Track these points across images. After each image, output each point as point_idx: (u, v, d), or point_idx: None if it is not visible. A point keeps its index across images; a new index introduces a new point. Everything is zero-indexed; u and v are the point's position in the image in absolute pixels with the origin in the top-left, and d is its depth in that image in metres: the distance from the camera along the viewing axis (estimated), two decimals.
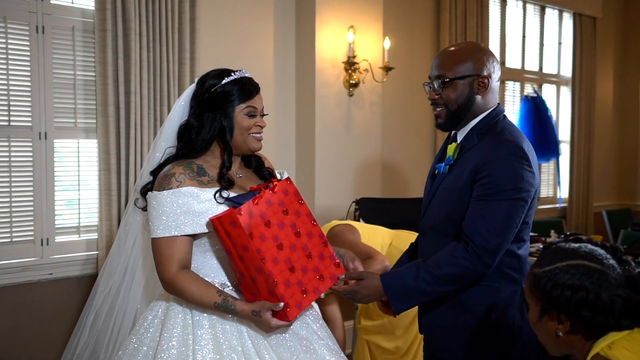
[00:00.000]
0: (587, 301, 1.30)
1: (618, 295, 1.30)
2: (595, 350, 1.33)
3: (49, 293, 3.30)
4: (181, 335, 1.82)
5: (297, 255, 1.83)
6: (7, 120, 3.14)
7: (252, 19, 4.00)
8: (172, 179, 1.83)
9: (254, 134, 1.93)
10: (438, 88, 1.94)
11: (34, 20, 3.18)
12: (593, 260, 1.35)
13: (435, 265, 1.84)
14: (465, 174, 1.89)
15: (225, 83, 1.89)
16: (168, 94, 3.42)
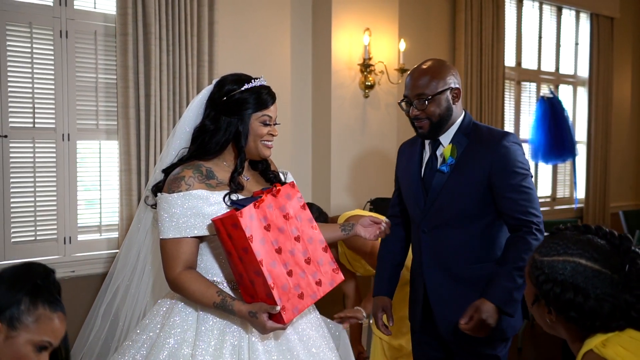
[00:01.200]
0: (575, 303, 1.28)
1: (607, 300, 1.27)
2: (588, 346, 1.31)
3: (72, 290, 3.37)
4: (180, 333, 1.88)
5: (296, 259, 1.86)
6: (32, 122, 3.23)
7: (269, 23, 4.05)
8: (182, 182, 1.87)
9: (266, 142, 1.98)
10: (420, 105, 2.13)
11: (58, 25, 3.27)
12: (592, 258, 1.30)
13: (519, 259, 2.02)
14: (480, 167, 2.10)
15: (244, 89, 1.94)
16: (187, 96, 3.48)
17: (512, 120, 5.71)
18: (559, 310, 1.32)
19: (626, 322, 1.30)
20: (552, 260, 1.33)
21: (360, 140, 4.30)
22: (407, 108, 2.19)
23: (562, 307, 1.30)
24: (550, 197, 6.16)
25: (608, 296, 1.27)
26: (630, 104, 6.82)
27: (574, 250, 1.32)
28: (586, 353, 1.30)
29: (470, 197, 2.12)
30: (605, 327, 1.30)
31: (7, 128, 3.16)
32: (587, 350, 1.30)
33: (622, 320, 1.30)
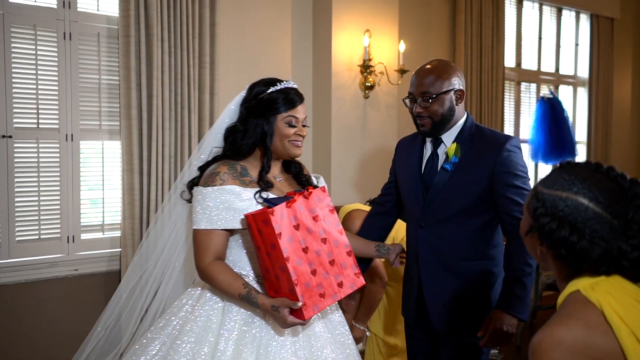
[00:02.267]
0: (568, 241, 1.24)
1: (600, 244, 1.23)
2: (575, 286, 1.27)
3: (75, 288, 3.42)
4: (206, 322, 1.95)
5: (321, 260, 1.93)
6: (36, 123, 3.28)
7: (270, 24, 4.09)
8: (217, 177, 1.97)
9: (293, 141, 2.05)
10: (424, 103, 2.19)
11: (62, 28, 3.31)
12: (596, 199, 1.24)
13: (525, 264, 2.12)
14: (483, 168, 2.17)
15: (271, 92, 2.02)
16: (188, 97, 3.52)
17: (512, 121, 5.74)
18: (551, 245, 1.28)
19: (615, 269, 1.26)
20: (555, 194, 1.28)
21: (360, 140, 4.33)
22: (410, 105, 2.25)
23: (554, 242, 1.27)
24: None
25: (602, 240, 1.23)
26: (630, 105, 6.84)
27: (579, 188, 1.26)
28: (572, 293, 1.26)
29: (470, 196, 2.18)
30: (593, 270, 1.26)
31: (12, 128, 3.20)
32: (574, 290, 1.26)
33: (612, 267, 1.26)
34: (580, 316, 1.20)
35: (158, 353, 1.95)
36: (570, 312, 1.22)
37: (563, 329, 1.18)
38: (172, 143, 3.49)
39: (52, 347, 3.37)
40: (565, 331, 1.18)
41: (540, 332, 1.20)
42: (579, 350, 1.17)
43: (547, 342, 1.17)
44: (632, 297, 1.23)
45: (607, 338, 1.17)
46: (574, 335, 1.17)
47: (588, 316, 1.20)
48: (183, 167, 3.49)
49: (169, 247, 2.32)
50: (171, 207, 2.34)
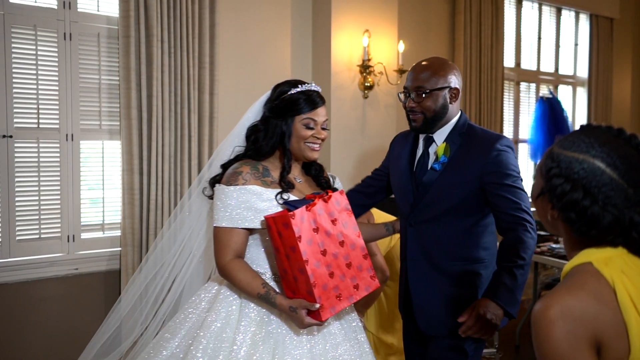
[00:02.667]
0: (579, 205, 1.21)
1: (612, 212, 1.19)
2: (587, 257, 1.23)
3: (75, 287, 3.44)
4: (224, 317, 1.98)
5: (338, 262, 1.96)
6: (36, 123, 3.30)
7: (270, 25, 4.10)
8: (239, 176, 2.00)
9: (310, 144, 2.06)
10: (417, 98, 2.18)
11: (62, 28, 3.33)
12: (614, 165, 1.20)
13: (518, 256, 2.05)
14: (472, 168, 2.14)
15: (292, 92, 2.05)
16: (188, 97, 3.53)
17: (511, 121, 5.75)
18: (561, 208, 1.24)
19: (622, 241, 1.23)
20: (572, 156, 1.23)
21: (359, 140, 4.34)
22: (404, 100, 2.25)
23: (565, 205, 1.22)
24: None
25: (615, 208, 1.19)
26: (629, 105, 6.84)
27: (598, 152, 1.21)
28: (584, 264, 1.22)
29: (458, 196, 2.17)
30: (599, 238, 1.23)
31: (12, 128, 3.22)
32: (585, 262, 1.22)
33: (619, 238, 1.22)
34: (592, 289, 1.17)
35: (179, 346, 1.99)
36: (581, 283, 1.18)
37: (573, 299, 1.15)
38: (171, 143, 3.50)
39: (52, 346, 3.39)
40: (575, 302, 1.15)
41: (547, 300, 1.16)
42: (587, 323, 1.14)
43: (556, 311, 1.14)
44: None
45: (616, 317, 1.15)
46: (584, 307, 1.14)
47: (600, 291, 1.17)
48: (182, 166, 3.53)
49: (188, 239, 2.35)
50: (191, 202, 2.37)
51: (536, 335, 1.15)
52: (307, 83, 2.08)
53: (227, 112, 3.80)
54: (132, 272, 3.41)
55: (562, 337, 1.13)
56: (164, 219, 3.48)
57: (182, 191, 3.54)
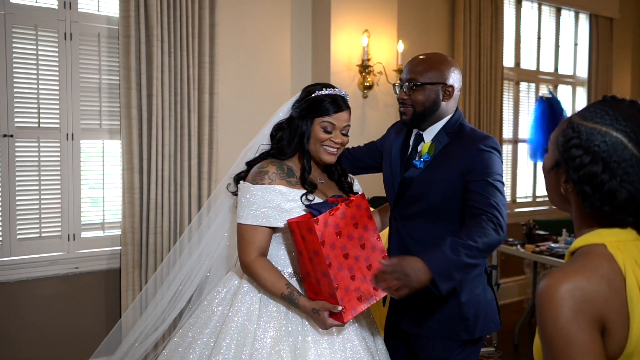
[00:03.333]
0: (597, 178, 1.16)
1: (629, 189, 1.15)
2: (600, 238, 1.19)
3: (75, 286, 3.45)
4: (247, 313, 2.02)
5: (359, 265, 2.00)
6: (36, 122, 3.31)
7: (269, 25, 4.10)
8: (266, 176, 2.04)
9: (326, 147, 2.09)
10: (408, 90, 2.13)
11: (63, 28, 3.34)
12: (637, 141, 1.16)
13: (470, 238, 1.89)
14: (453, 167, 2.06)
15: (315, 96, 2.09)
16: (188, 97, 3.53)
17: (510, 121, 5.76)
18: (577, 180, 1.18)
19: (633, 221, 1.20)
20: (594, 127, 1.18)
21: (359, 140, 4.29)
22: (397, 92, 2.20)
23: (581, 177, 1.17)
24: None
25: (631, 185, 1.15)
26: None
27: (621, 126, 1.16)
28: (596, 245, 1.18)
29: (439, 195, 2.09)
30: (610, 215, 1.19)
31: (13, 128, 3.23)
32: (598, 242, 1.18)
33: (630, 217, 1.19)
34: (605, 273, 1.13)
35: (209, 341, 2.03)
36: (594, 265, 1.14)
37: (585, 280, 1.11)
38: (171, 142, 3.51)
39: (52, 345, 3.39)
40: (587, 283, 1.10)
41: (557, 277, 1.11)
42: (597, 306, 1.09)
43: (566, 289, 1.09)
44: None
45: (623, 306, 1.11)
46: (596, 289, 1.10)
47: (613, 277, 1.12)
48: (182, 166, 3.53)
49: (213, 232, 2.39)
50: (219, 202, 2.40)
51: (543, 313, 1.10)
52: (336, 87, 2.12)
53: (227, 112, 3.81)
54: (132, 271, 3.43)
55: (572, 317, 1.07)
56: (163, 218, 3.49)
57: (182, 190, 3.54)
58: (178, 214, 3.57)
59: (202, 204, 3.60)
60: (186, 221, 3.55)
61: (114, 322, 3.50)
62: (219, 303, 2.12)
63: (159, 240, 3.48)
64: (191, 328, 2.12)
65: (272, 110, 3.98)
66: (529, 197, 6.04)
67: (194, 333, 2.09)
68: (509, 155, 5.78)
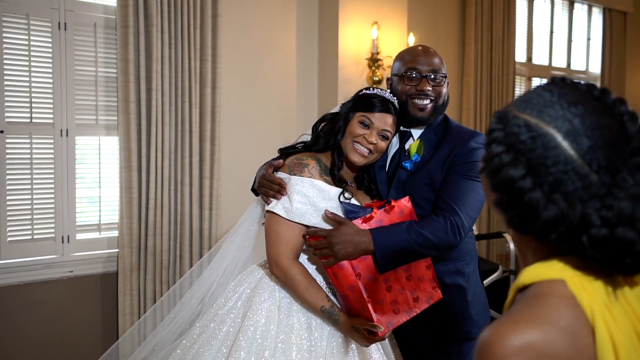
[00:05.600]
0: (515, 185, 0.87)
1: (558, 203, 0.84)
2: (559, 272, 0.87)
3: (70, 291, 3.31)
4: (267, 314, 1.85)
5: (397, 276, 1.86)
6: (28, 117, 3.15)
7: (274, 16, 3.97)
8: (306, 169, 1.91)
9: (357, 144, 1.94)
10: (435, 82, 2.02)
11: (56, 17, 3.19)
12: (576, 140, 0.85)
13: (421, 234, 1.84)
14: (438, 167, 1.98)
15: (367, 92, 2.00)
16: (189, 90, 3.41)
17: None
18: (494, 186, 0.90)
19: (568, 246, 0.86)
20: (523, 118, 0.88)
21: None
22: (411, 82, 2.02)
23: (498, 183, 0.89)
24: None
25: (564, 198, 0.84)
26: None
27: (558, 116, 0.86)
28: (554, 281, 0.86)
29: (431, 197, 2.00)
30: (542, 235, 0.87)
31: (4, 123, 3.08)
32: (557, 278, 0.86)
33: (565, 241, 0.86)
34: (567, 325, 0.81)
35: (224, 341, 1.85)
36: (552, 313, 0.82)
37: (540, 333, 0.80)
38: (172, 139, 3.37)
39: (45, 352, 3.24)
40: (542, 337, 0.80)
41: (503, 327, 0.82)
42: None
43: (513, 344, 0.79)
44: (633, 326, 0.84)
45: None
46: (555, 347, 0.80)
47: (578, 329, 0.82)
48: (183, 164, 3.42)
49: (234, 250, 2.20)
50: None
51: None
52: (384, 91, 2.01)
53: (230, 107, 3.68)
54: (130, 274, 3.30)
55: None
56: (163, 219, 3.36)
57: (183, 189, 3.42)
58: (178, 214, 3.43)
59: (203, 204, 3.48)
60: (187, 222, 3.42)
61: (111, 328, 3.38)
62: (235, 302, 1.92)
63: (158, 242, 3.34)
64: (196, 340, 1.91)
65: (276, 105, 3.89)
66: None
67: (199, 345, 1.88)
68: None
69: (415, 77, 2.03)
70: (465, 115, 4.86)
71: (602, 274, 0.86)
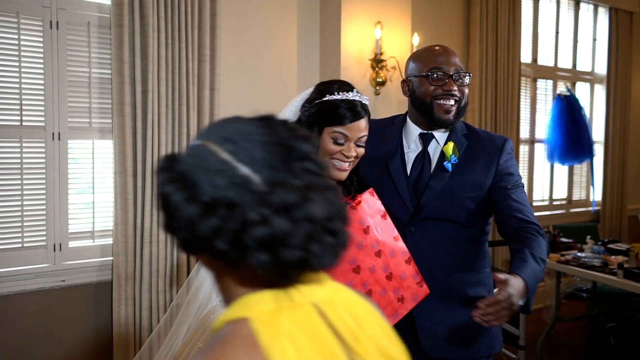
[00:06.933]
0: (169, 199, 0.82)
1: (200, 213, 0.80)
2: (247, 310, 0.83)
3: (62, 300, 3.20)
4: None
5: (376, 277, 1.71)
6: (19, 120, 3.04)
7: (275, 15, 3.87)
8: None
9: (336, 161, 1.76)
10: (460, 82, 1.96)
11: (48, 15, 3.09)
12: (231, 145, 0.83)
13: (543, 254, 1.83)
14: (480, 172, 1.97)
15: (328, 100, 1.75)
16: (187, 92, 3.31)
17: (527, 119, 5.49)
18: (160, 206, 0.86)
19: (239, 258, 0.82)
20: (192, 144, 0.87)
21: None
22: (438, 83, 1.94)
23: (161, 202, 0.85)
24: (566, 199, 5.94)
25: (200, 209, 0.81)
26: None
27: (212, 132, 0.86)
28: (239, 322, 0.82)
29: (472, 200, 1.98)
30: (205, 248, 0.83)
31: None
32: (241, 317, 0.82)
33: (237, 252, 0.81)
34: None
35: None
36: (225, 355, 0.78)
37: None
38: (169, 143, 3.27)
39: None
40: None
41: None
42: None
43: None
44: (317, 347, 0.82)
45: None
46: None
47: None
48: None
49: None
50: None
51: None
52: (353, 90, 1.79)
53: (229, 109, 3.56)
54: (125, 283, 3.18)
55: None
56: (159, 226, 3.23)
57: None
58: None
59: None
60: None
61: (106, 340, 3.26)
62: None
63: (154, 250, 3.23)
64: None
65: (277, 108, 3.75)
66: (546, 200, 5.78)
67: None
68: (526, 156, 5.52)
69: (441, 77, 1.95)
70: (470, 117, 4.75)
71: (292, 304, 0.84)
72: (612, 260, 4.03)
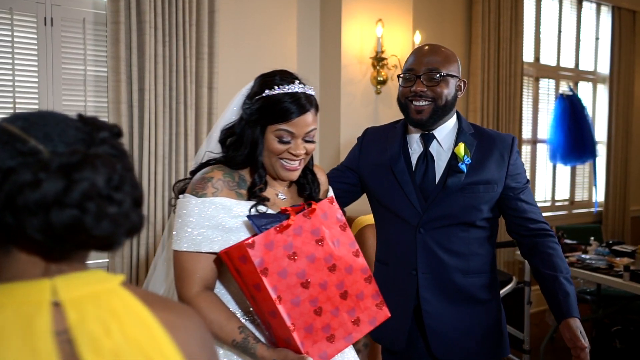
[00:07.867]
0: None
1: None
2: None
3: None
4: None
5: (328, 294, 1.55)
6: None
7: (274, 12, 3.83)
8: (209, 183, 1.59)
9: (284, 161, 1.63)
10: (428, 82, 1.94)
11: (42, 12, 3.04)
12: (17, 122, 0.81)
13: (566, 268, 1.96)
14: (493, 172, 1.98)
15: (268, 95, 1.61)
16: (185, 91, 3.27)
17: (529, 119, 5.44)
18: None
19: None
20: None
21: None
22: (407, 84, 1.95)
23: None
24: (568, 200, 5.89)
25: None
26: None
27: None
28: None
29: (487, 202, 1.98)
30: None
31: None
32: None
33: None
34: None
35: None
36: None
37: None
38: (166, 142, 3.23)
39: None
40: None
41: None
42: None
43: None
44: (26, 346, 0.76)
45: None
46: None
47: None
48: (178, 168, 3.29)
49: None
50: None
51: None
52: (296, 80, 1.66)
53: None
54: None
55: None
56: (156, 227, 3.19)
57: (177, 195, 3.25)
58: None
59: None
60: None
61: None
62: None
63: (150, 253, 3.18)
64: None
65: None
66: (548, 200, 5.73)
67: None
68: (528, 156, 5.46)
69: (410, 78, 1.96)
70: (472, 116, 4.70)
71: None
72: (618, 262, 3.98)
